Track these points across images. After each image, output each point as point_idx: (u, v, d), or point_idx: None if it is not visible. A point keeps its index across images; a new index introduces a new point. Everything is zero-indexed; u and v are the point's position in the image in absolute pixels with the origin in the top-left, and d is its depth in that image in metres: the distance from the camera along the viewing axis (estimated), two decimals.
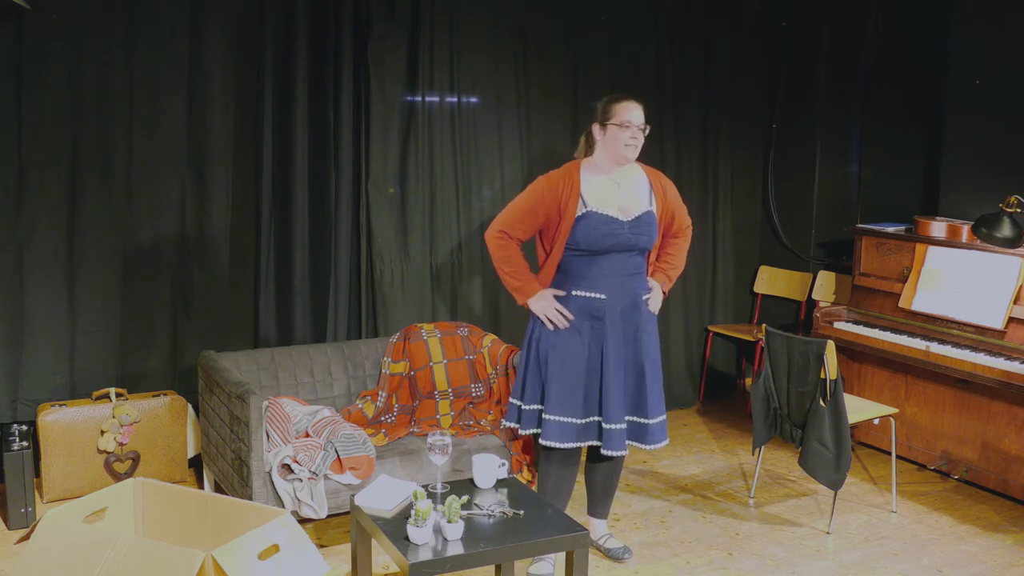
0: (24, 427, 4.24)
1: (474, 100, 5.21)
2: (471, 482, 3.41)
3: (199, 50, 4.65)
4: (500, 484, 3.42)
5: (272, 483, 3.77)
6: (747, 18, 5.94)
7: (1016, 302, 4.50)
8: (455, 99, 5.13)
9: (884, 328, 4.95)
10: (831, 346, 4.07)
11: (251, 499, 3.72)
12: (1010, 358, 4.42)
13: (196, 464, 4.66)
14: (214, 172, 4.77)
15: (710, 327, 6.03)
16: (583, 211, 3.65)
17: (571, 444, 3.73)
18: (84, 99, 4.48)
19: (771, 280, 6.14)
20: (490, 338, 4.62)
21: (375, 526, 3.10)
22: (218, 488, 4.30)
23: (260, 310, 4.87)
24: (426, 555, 2.92)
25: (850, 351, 5.11)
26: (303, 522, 3.94)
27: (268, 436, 3.84)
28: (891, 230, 5.10)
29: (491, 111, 5.24)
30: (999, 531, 4.30)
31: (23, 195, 4.44)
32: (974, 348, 4.58)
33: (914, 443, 4.99)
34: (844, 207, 5.83)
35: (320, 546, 4.00)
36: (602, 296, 3.68)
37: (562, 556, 3.63)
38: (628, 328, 3.72)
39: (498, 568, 3.53)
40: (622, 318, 3.70)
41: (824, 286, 5.78)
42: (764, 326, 4.38)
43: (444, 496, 3.24)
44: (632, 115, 3.66)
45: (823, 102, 5.87)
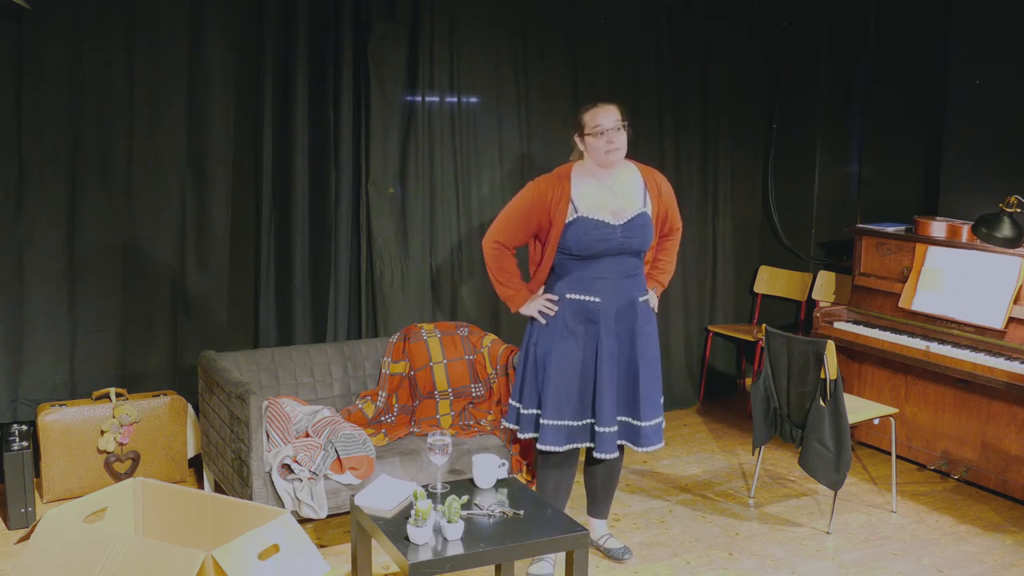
0: (24, 427, 4.24)
1: (474, 100, 5.21)
2: (471, 482, 3.42)
3: (199, 50, 4.65)
4: (500, 484, 3.42)
5: (272, 483, 3.77)
6: (747, 18, 5.94)
7: (1016, 302, 4.50)
8: (455, 99, 5.13)
9: (884, 328, 4.95)
10: (831, 346, 4.07)
11: (251, 499, 3.72)
12: (1010, 358, 4.42)
13: (196, 464, 4.66)
14: (214, 172, 4.77)
15: (710, 327, 6.03)
16: (573, 216, 3.63)
17: (566, 447, 3.73)
18: (84, 99, 4.48)
19: (771, 280, 6.14)
20: (490, 338, 4.62)
21: (375, 526, 3.10)
22: (218, 488, 4.30)
23: (260, 310, 4.87)
24: (426, 555, 2.92)
25: (850, 351, 5.11)
26: (303, 522, 3.94)
27: (268, 436, 3.84)
28: (891, 230, 5.10)
29: (491, 111, 5.24)
30: (999, 531, 4.30)
31: (23, 195, 4.44)
32: (974, 348, 4.58)
33: (914, 443, 4.99)
34: (844, 207, 5.83)
35: (320, 546, 4.00)
36: (596, 299, 3.67)
37: (562, 556, 3.63)
38: (623, 330, 3.70)
39: (498, 568, 3.53)
40: (616, 320, 3.69)
41: (824, 286, 5.78)
42: (764, 326, 4.38)
43: (444, 496, 3.24)
44: (601, 120, 3.61)
45: (823, 102, 5.87)
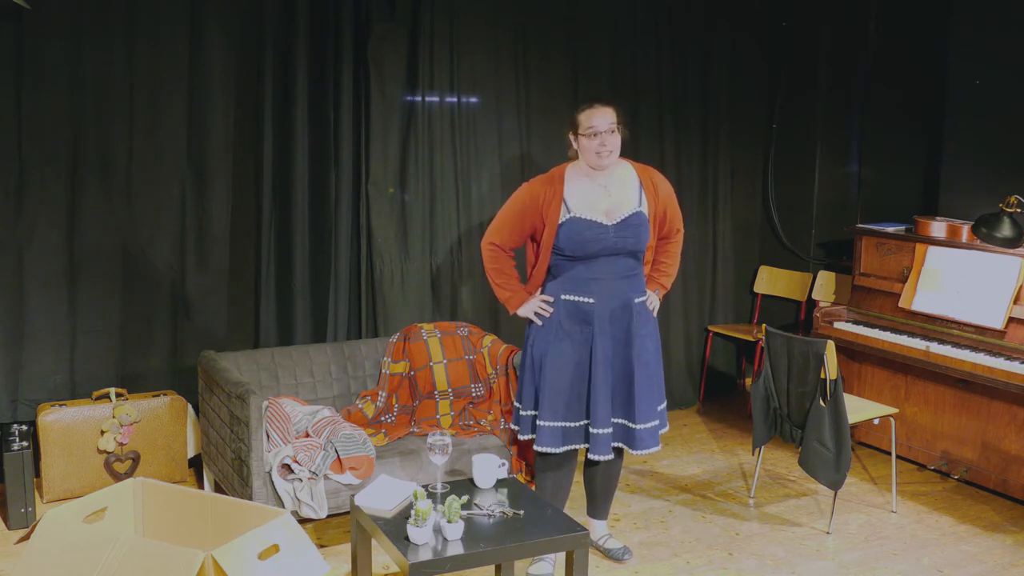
0: (24, 427, 4.24)
1: (474, 100, 5.21)
2: (471, 482, 3.42)
3: (199, 50, 4.65)
4: (500, 484, 3.42)
5: (272, 483, 3.77)
6: (747, 18, 5.94)
7: (1016, 302, 4.50)
8: (455, 99, 5.13)
9: (884, 328, 4.95)
10: (831, 346, 4.07)
11: (251, 499, 3.72)
12: (1010, 358, 4.42)
13: (196, 464, 4.66)
14: (214, 172, 4.77)
15: (710, 327, 6.03)
16: (566, 216, 3.63)
17: (562, 448, 3.73)
18: (84, 99, 4.48)
19: (771, 280, 6.14)
20: (490, 338, 4.62)
21: (375, 526, 3.10)
22: (218, 488, 4.30)
23: (260, 310, 4.87)
24: (426, 555, 2.92)
25: (850, 351, 5.11)
26: (303, 522, 3.94)
27: (268, 436, 3.84)
28: (891, 230, 5.10)
29: (491, 111, 5.24)
30: (999, 531, 4.30)
31: (23, 195, 4.44)
32: (974, 348, 4.58)
33: (914, 443, 4.99)
34: (844, 207, 5.83)
35: (320, 546, 4.00)
36: (590, 300, 3.66)
37: (562, 556, 3.63)
38: (618, 331, 3.69)
39: (498, 568, 3.53)
40: (611, 321, 3.68)
41: (824, 286, 5.78)
42: (764, 326, 4.38)
43: (444, 496, 3.24)
44: (596, 121, 3.60)
45: (823, 102, 5.87)
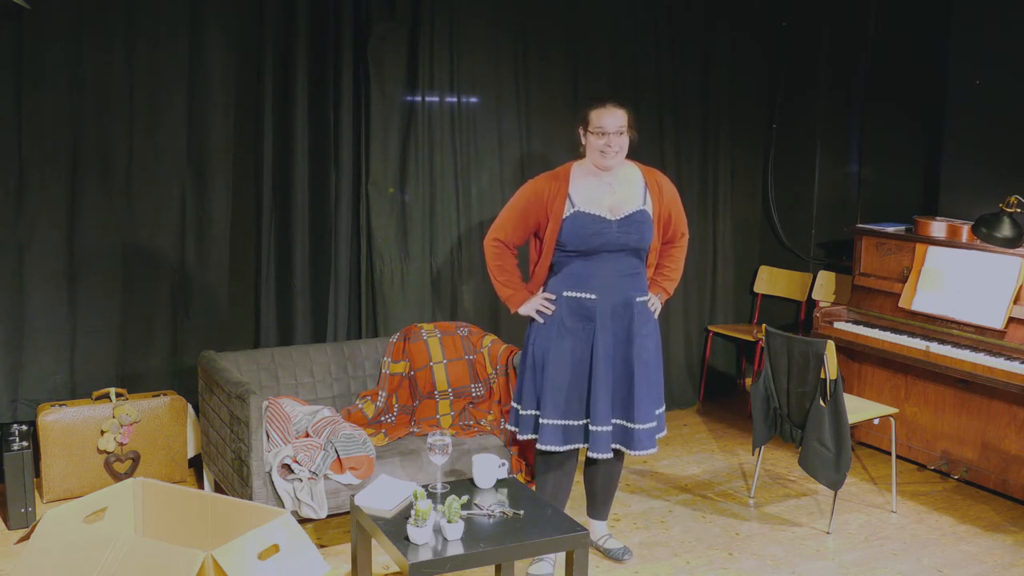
0: (24, 427, 4.24)
1: (474, 100, 5.21)
2: (471, 482, 3.42)
3: (199, 50, 4.66)
4: (500, 484, 3.42)
5: (272, 483, 3.77)
6: (747, 18, 5.94)
7: (1016, 302, 4.50)
8: (455, 99, 5.13)
9: (884, 328, 4.95)
10: (831, 346, 4.07)
11: (251, 499, 3.72)
12: (1010, 358, 4.42)
13: (196, 464, 4.66)
14: (214, 172, 4.77)
15: (710, 327, 6.03)
16: (570, 211, 3.63)
17: (564, 447, 3.73)
18: (84, 99, 4.48)
19: (771, 280, 6.14)
20: (490, 338, 4.62)
21: (375, 526, 3.10)
22: (218, 488, 4.30)
23: (260, 310, 4.87)
24: (426, 555, 2.92)
25: (850, 351, 5.11)
26: (303, 522, 3.94)
27: (268, 436, 3.84)
28: (891, 230, 5.10)
29: (491, 111, 5.24)
30: (999, 531, 4.30)
31: (23, 195, 4.44)
32: (974, 348, 4.58)
33: (914, 443, 4.99)
34: (844, 207, 5.83)
35: (320, 546, 4.00)
36: (592, 296, 3.67)
37: (562, 556, 3.63)
38: (619, 329, 3.69)
39: (498, 568, 3.53)
40: (612, 318, 3.68)
41: (824, 286, 5.78)
42: (764, 326, 4.38)
43: (444, 496, 3.24)
44: (605, 122, 3.59)
45: (823, 102, 5.87)
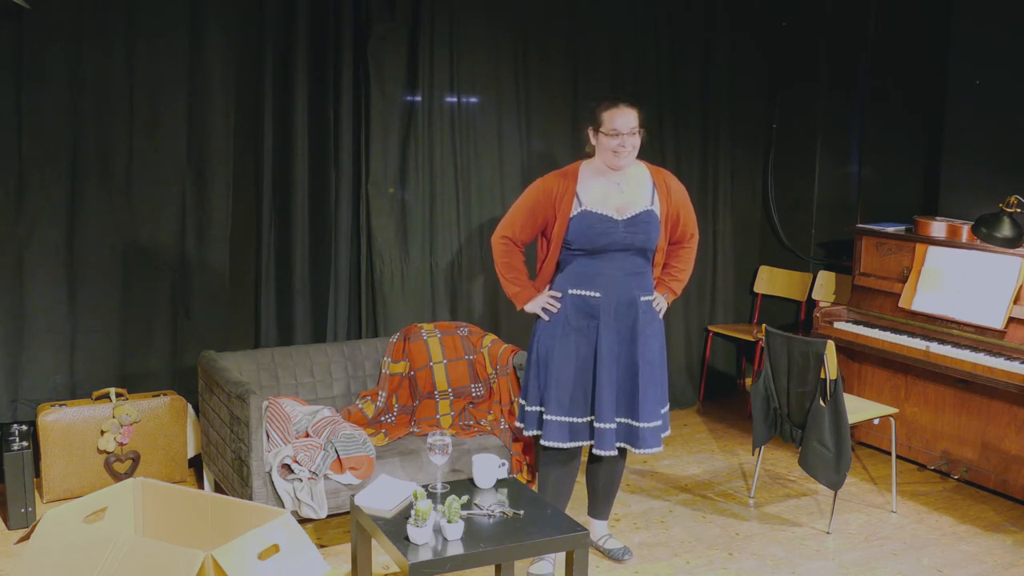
0: (24, 427, 4.24)
1: (474, 100, 5.21)
2: (471, 482, 3.42)
3: (199, 50, 4.65)
4: (500, 484, 3.42)
5: (272, 483, 3.77)
6: (747, 18, 5.94)
7: (1016, 302, 4.50)
8: (455, 99, 5.13)
9: (884, 328, 4.95)
10: (831, 346, 4.07)
11: (251, 499, 3.72)
12: (1010, 358, 4.42)
13: (196, 464, 4.66)
14: (214, 172, 4.76)
15: (710, 327, 6.03)
16: (578, 210, 3.65)
17: (568, 444, 3.73)
18: (84, 99, 4.48)
19: (771, 280, 6.14)
20: (490, 338, 4.62)
21: (375, 526, 3.10)
22: (218, 488, 4.30)
23: (260, 310, 4.87)
24: (426, 555, 2.92)
25: (850, 351, 5.11)
26: (303, 522, 3.94)
27: (268, 436, 3.84)
28: (891, 230, 5.10)
29: (491, 111, 5.24)
30: (999, 531, 4.30)
31: (23, 195, 4.44)
32: (974, 348, 4.58)
33: (914, 443, 4.99)
34: (844, 207, 5.83)
35: (320, 546, 4.00)
36: (596, 294, 3.68)
37: (562, 556, 3.63)
38: (623, 327, 3.70)
39: (498, 568, 3.53)
40: (616, 317, 3.69)
41: (824, 286, 5.78)
42: (764, 326, 4.38)
43: (444, 496, 3.24)
44: (619, 122, 3.59)
45: (823, 102, 5.87)
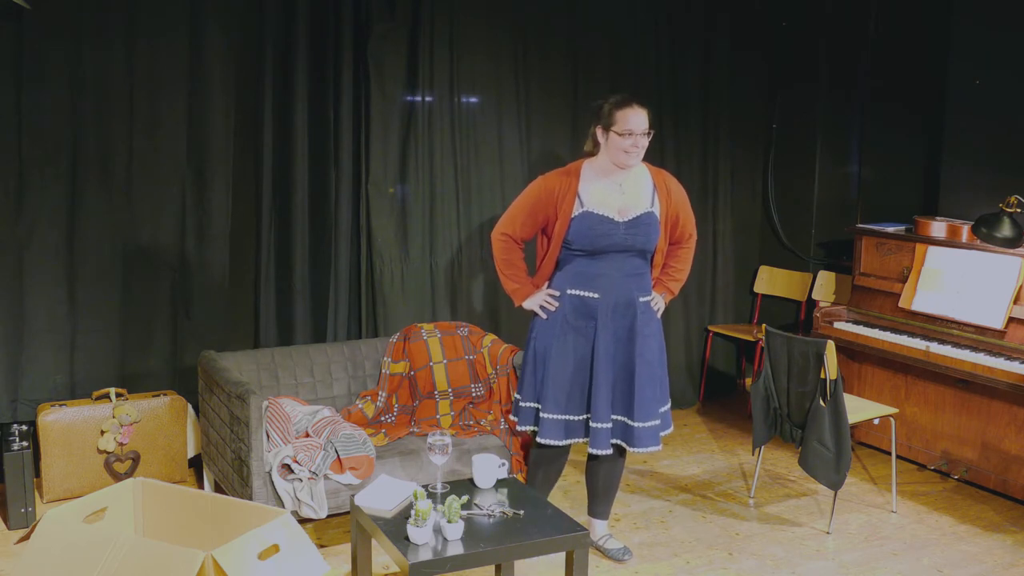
0: (24, 427, 4.24)
1: (474, 100, 5.21)
2: (471, 482, 3.42)
3: (199, 50, 4.65)
4: (500, 484, 3.42)
5: (272, 483, 3.77)
6: (747, 18, 5.94)
7: (1016, 302, 4.50)
8: (455, 99, 5.13)
9: (884, 328, 4.95)
10: (831, 346, 4.07)
11: (251, 499, 3.72)
12: (1010, 358, 4.42)
13: (196, 464, 4.66)
14: (214, 172, 4.76)
15: (710, 327, 6.03)
16: (579, 211, 3.66)
17: (564, 441, 3.77)
18: (84, 99, 4.48)
19: (771, 280, 6.14)
20: (490, 338, 4.62)
21: (375, 526, 3.10)
22: (218, 488, 4.30)
23: (260, 310, 4.87)
24: (426, 555, 2.92)
25: (850, 351, 5.11)
26: (303, 522, 3.94)
27: (268, 436, 3.84)
28: (891, 230, 5.10)
29: (491, 111, 5.24)
30: (999, 531, 4.30)
31: (23, 195, 4.44)
32: (974, 348, 4.58)
33: (914, 443, 4.99)
34: (844, 207, 5.83)
35: (320, 546, 4.00)
36: (595, 295, 3.70)
37: (560, 555, 3.63)
38: (621, 328, 3.72)
39: (498, 568, 3.54)
40: (614, 317, 3.71)
41: (824, 286, 5.78)
42: (764, 326, 4.38)
43: (444, 496, 3.24)
44: (634, 123, 3.60)
45: (823, 102, 5.87)
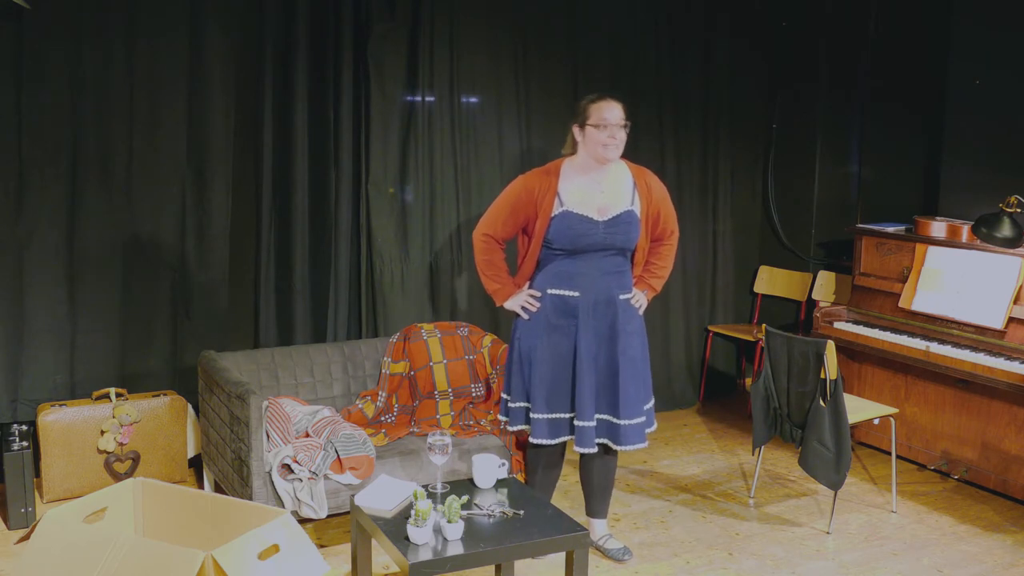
0: (24, 427, 4.24)
1: (474, 100, 5.21)
2: (471, 482, 3.42)
3: (199, 50, 4.65)
4: (500, 484, 3.42)
5: (272, 483, 3.77)
6: (747, 18, 5.94)
7: (1016, 302, 4.50)
8: (455, 99, 5.13)
9: (884, 328, 4.95)
10: (831, 346, 4.07)
11: (251, 499, 3.72)
12: (1010, 358, 4.42)
13: (196, 464, 4.66)
14: (214, 172, 4.77)
15: (710, 327, 6.03)
16: (559, 210, 3.67)
17: (552, 440, 3.78)
18: (84, 99, 4.48)
19: (771, 280, 6.14)
20: (490, 338, 4.63)
21: (375, 526, 3.10)
22: (218, 488, 4.30)
23: (260, 310, 4.87)
24: (426, 555, 2.92)
25: (850, 351, 5.11)
26: (303, 522, 3.94)
27: (268, 436, 3.84)
28: (891, 230, 5.10)
29: (491, 111, 5.24)
30: (999, 531, 4.30)
31: (23, 195, 4.44)
32: (974, 348, 4.58)
33: (914, 443, 4.99)
34: (844, 207, 5.83)
35: (320, 546, 4.00)
36: (576, 294, 3.71)
37: (562, 556, 3.63)
38: (602, 326, 3.73)
39: (498, 568, 3.54)
40: (595, 316, 3.71)
41: (824, 286, 5.78)
42: (764, 326, 4.38)
43: (444, 496, 3.24)
44: (608, 114, 3.63)
45: (823, 102, 5.87)
